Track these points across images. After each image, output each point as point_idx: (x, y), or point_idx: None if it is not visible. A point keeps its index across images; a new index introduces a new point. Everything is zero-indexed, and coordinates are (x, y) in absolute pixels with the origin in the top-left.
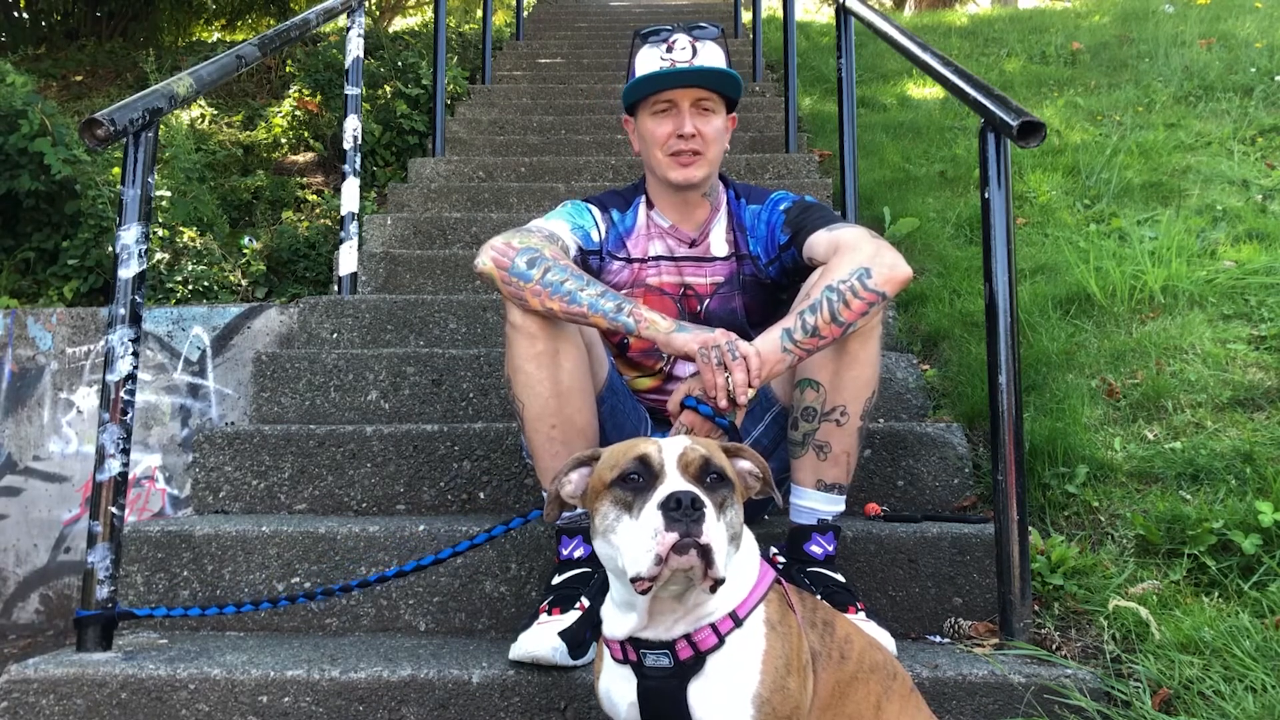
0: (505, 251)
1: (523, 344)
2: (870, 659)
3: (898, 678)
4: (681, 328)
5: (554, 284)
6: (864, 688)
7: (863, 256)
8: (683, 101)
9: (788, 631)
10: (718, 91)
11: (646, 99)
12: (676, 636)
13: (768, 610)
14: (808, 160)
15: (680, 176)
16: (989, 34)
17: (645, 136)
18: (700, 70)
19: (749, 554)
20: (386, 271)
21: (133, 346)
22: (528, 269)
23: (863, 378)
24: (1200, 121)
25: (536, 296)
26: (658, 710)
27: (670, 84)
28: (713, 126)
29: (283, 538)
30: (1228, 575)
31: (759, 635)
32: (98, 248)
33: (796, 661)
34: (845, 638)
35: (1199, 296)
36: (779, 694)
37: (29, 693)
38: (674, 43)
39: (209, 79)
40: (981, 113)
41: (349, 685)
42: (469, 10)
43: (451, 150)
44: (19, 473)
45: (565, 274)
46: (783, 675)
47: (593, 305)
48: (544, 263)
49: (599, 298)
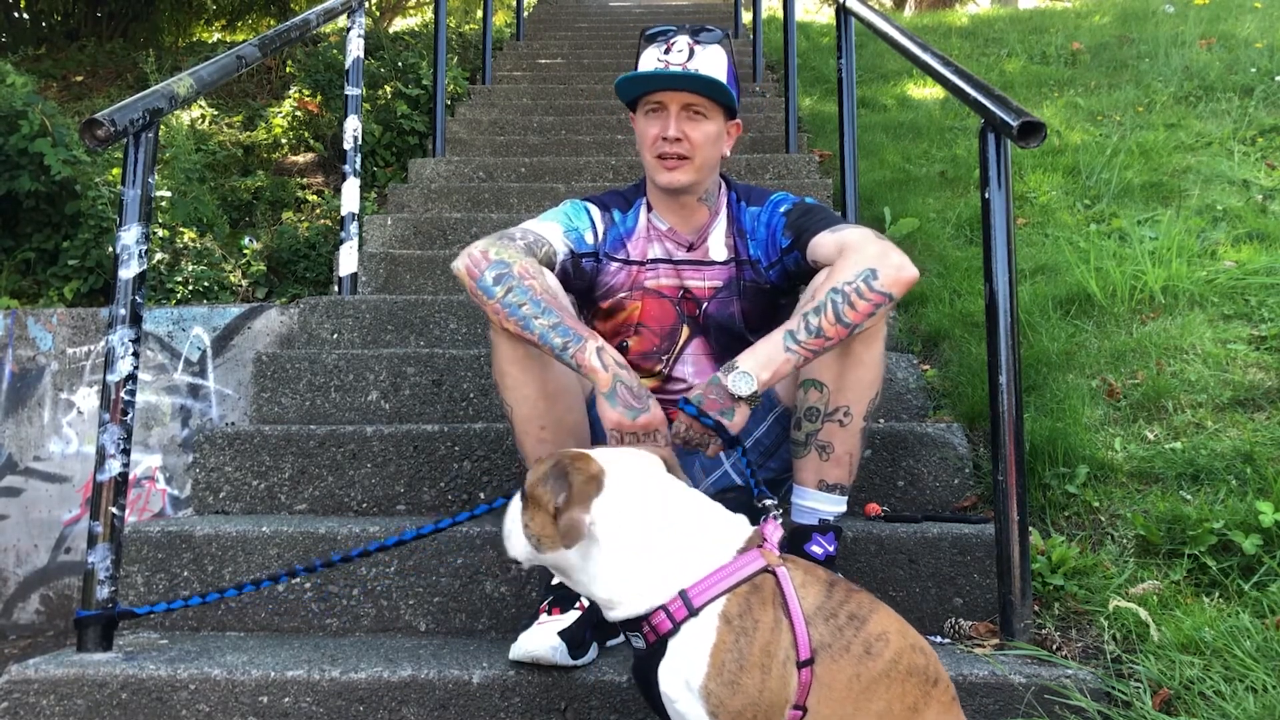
0: (478, 262)
1: (505, 348)
2: (909, 662)
3: (939, 684)
4: (611, 396)
5: (512, 305)
6: (895, 689)
7: (869, 258)
8: (671, 104)
9: (748, 627)
10: (708, 97)
11: (640, 98)
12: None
13: (728, 604)
14: (808, 160)
15: (665, 180)
16: (989, 34)
17: (639, 137)
18: (683, 75)
19: (709, 545)
20: (387, 272)
21: (133, 347)
22: (493, 285)
23: (867, 379)
24: (1200, 122)
25: (496, 315)
26: (645, 686)
27: (656, 85)
28: (702, 132)
29: (283, 538)
30: (1228, 575)
31: (710, 628)
32: (98, 248)
33: (757, 658)
34: (879, 635)
35: (1199, 297)
36: (727, 688)
37: (29, 693)
38: (673, 44)
39: (209, 79)
40: (982, 113)
41: (349, 685)
42: (469, 10)
43: (452, 150)
44: (19, 473)
45: (525, 297)
46: (734, 671)
47: (543, 337)
48: (509, 281)
49: (550, 330)
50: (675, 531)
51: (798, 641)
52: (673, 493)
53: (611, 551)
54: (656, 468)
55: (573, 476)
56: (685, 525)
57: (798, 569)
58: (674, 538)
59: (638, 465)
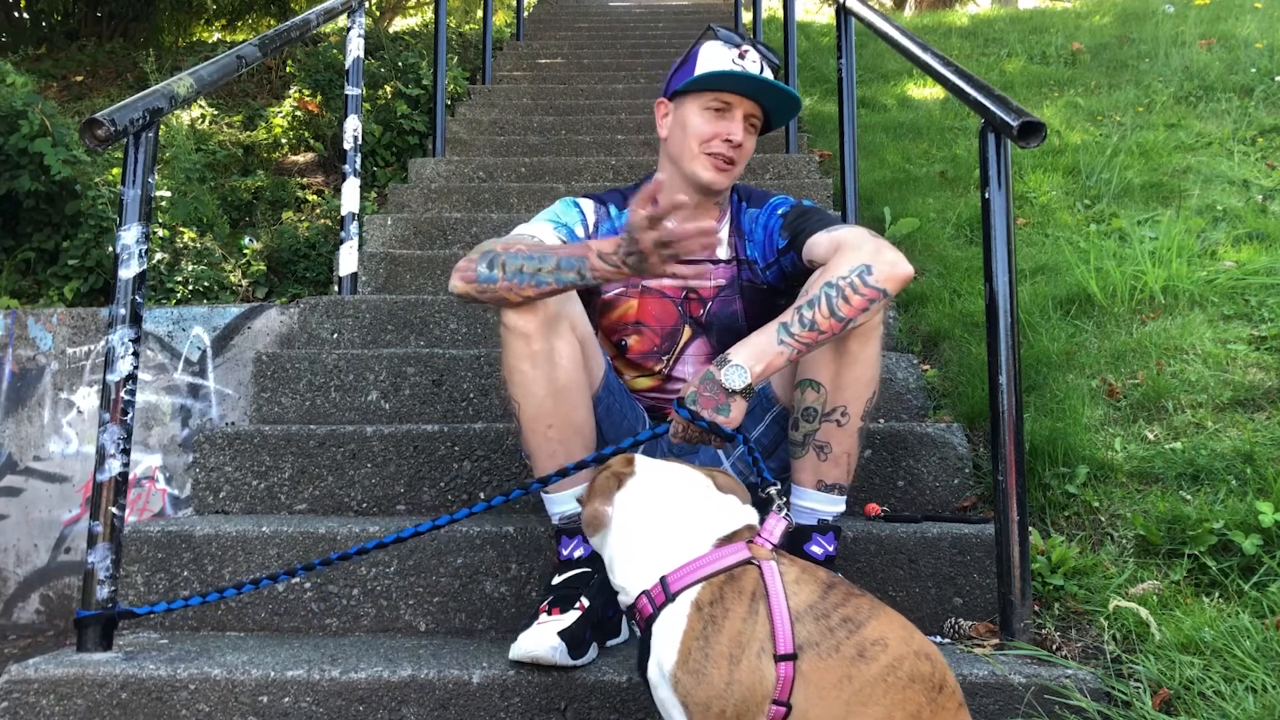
0: (467, 267)
1: (517, 345)
2: (911, 668)
3: (944, 690)
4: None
5: (515, 274)
6: (895, 695)
7: (864, 254)
8: (738, 109)
9: (717, 615)
10: (767, 114)
11: (704, 92)
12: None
13: (700, 592)
14: (808, 160)
15: (710, 178)
16: (989, 34)
17: (688, 128)
18: (776, 85)
19: (682, 534)
20: (387, 272)
21: (133, 347)
22: (489, 271)
23: (864, 378)
24: (1200, 122)
25: (509, 292)
26: (645, 666)
27: (741, 87)
28: (751, 143)
29: (283, 538)
30: (1228, 575)
31: (682, 615)
32: (98, 248)
33: (725, 648)
34: (876, 639)
35: (1199, 297)
36: (692, 677)
37: (29, 693)
38: (745, 52)
39: (209, 79)
40: (982, 113)
41: (349, 685)
42: (469, 10)
43: (452, 150)
44: (19, 473)
45: (519, 260)
46: (699, 659)
47: (558, 279)
48: (499, 259)
49: (556, 271)
50: (673, 522)
51: (776, 635)
52: (687, 488)
53: (617, 539)
54: (696, 476)
55: (598, 474)
56: (684, 517)
57: (794, 567)
58: (670, 528)
59: (671, 469)
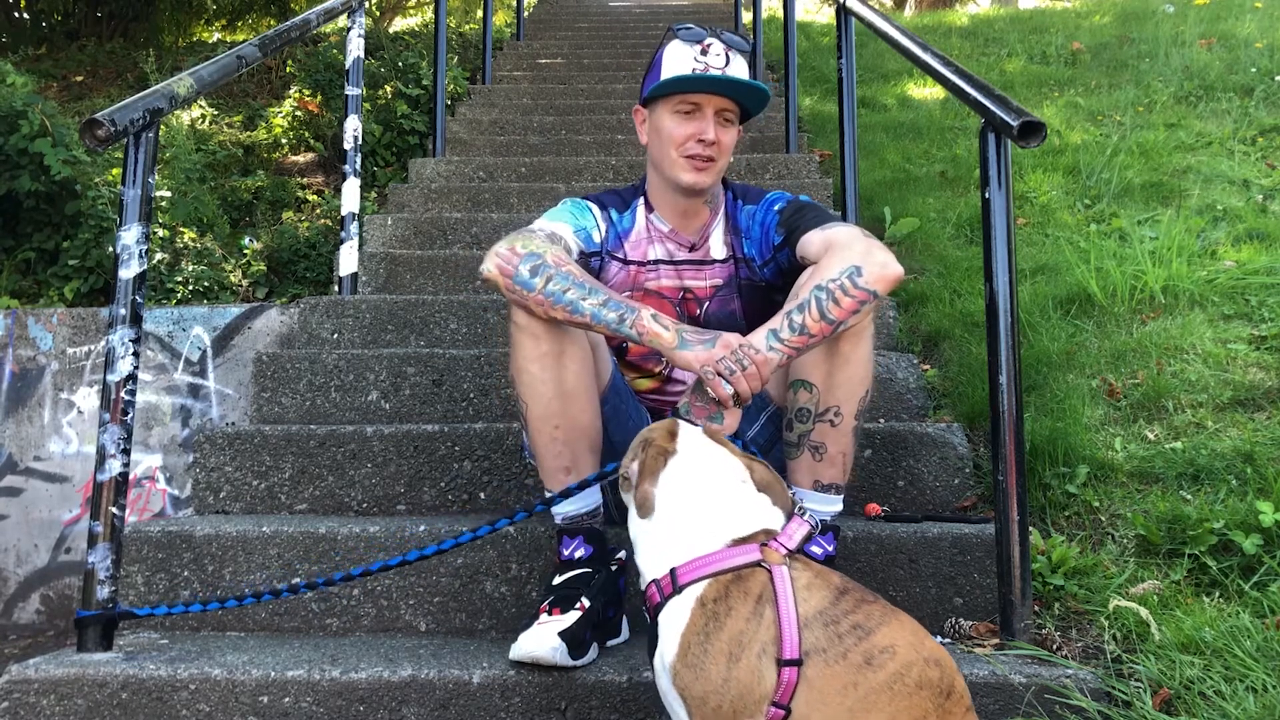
0: (509, 259)
1: (527, 345)
2: (919, 675)
3: (952, 696)
4: (684, 343)
5: (556, 294)
6: (901, 702)
7: (854, 255)
8: (708, 107)
9: (720, 613)
10: (741, 105)
11: (671, 96)
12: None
13: (706, 588)
14: (808, 160)
15: (691, 180)
16: (989, 34)
17: (662, 133)
18: (737, 81)
19: (699, 529)
20: (387, 272)
21: (133, 347)
22: (531, 277)
23: (856, 377)
24: (1200, 121)
25: (540, 306)
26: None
27: (704, 88)
28: (730, 136)
29: (283, 538)
30: (1228, 575)
31: (685, 609)
32: (98, 248)
33: (724, 646)
34: (885, 647)
35: (1199, 297)
36: (690, 671)
37: (29, 693)
38: (709, 46)
39: (209, 79)
40: (982, 113)
41: (350, 685)
42: (469, 10)
43: (452, 150)
44: (19, 473)
45: (567, 282)
46: (699, 655)
47: (595, 316)
48: (546, 270)
49: (601, 308)
50: (694, 515)
51: (782, 639)
52: (719, 480)
53: (640, 523)
54: (733, 465)
55: (647, 453)
56: (706, 511)
57: (807, 572)
58: (689, 520)
59: (711, 455)
